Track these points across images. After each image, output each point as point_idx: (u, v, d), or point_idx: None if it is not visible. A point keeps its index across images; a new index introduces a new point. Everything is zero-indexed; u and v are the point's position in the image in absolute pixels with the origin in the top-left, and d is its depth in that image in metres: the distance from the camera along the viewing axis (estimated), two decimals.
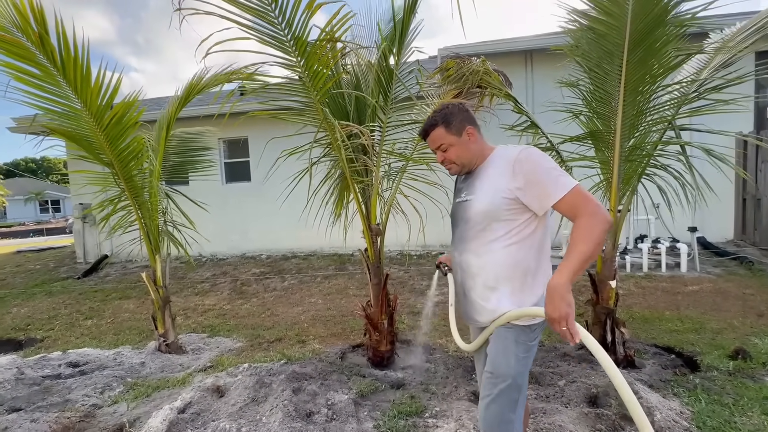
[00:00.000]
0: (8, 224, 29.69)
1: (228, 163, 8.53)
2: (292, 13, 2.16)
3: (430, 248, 7.56)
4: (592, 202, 1.23)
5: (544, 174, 1.29)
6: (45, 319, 5.13)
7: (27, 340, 4.48)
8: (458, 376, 2.76)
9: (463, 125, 1.48)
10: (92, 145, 3.24)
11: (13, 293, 6.62)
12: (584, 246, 1.19)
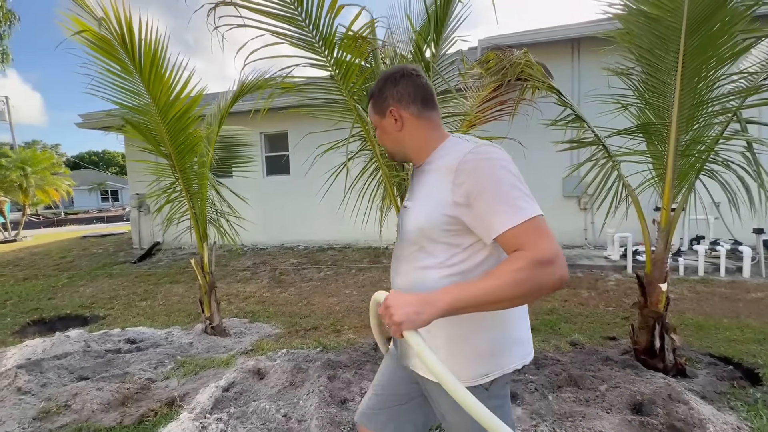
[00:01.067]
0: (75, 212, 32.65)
1: (269, 156, 8.85)
2: (317, 15, 2.23)
3: None
4: (549, 245, 0.85)
5: (496, 193, 0.91)
6: (106, 298, 5.62)
7: (92, 316, 4.94)
8: None
9: (386, 102, 1.08)
10: (155, 138, 3.48)
11: (80, 274, 7.30)
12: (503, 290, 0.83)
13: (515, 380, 2.63)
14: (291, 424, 2.07)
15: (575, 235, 7.10)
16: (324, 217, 8.14)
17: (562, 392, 2.39)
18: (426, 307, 0.84)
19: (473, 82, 3.31)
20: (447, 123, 3.12)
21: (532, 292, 0.84)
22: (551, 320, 3.92)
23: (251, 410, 2.22)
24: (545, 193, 7.11)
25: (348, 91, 2.56)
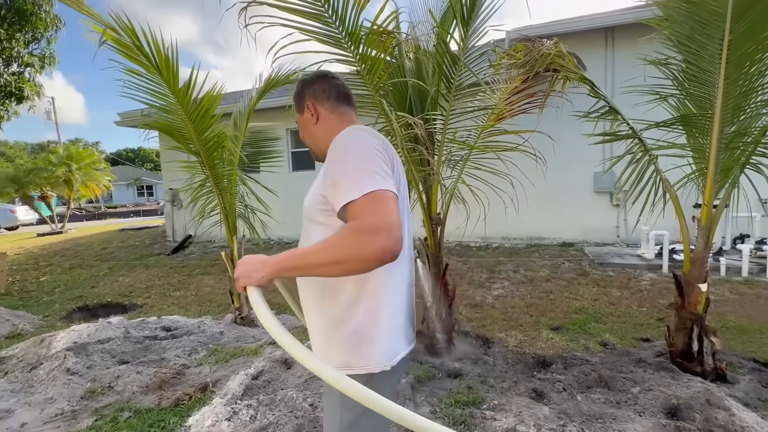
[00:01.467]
0: (114, 206, 34.48)
1: (294, 152, 9.00)
2: (343, 11, 2.24)
3: (491, 240, 7.35)
4: (377, 216, 0.83)
5: (343, 169, 0.93)
6: (143, 288, 5.93)
7: (130, 304, 5.23)
8: (518, 372, 2.69)
9: (304, 99, 1.15)
10: (184, 136, 3.63)
11: (119, 264, 7.73)
12: (324, 254, 0.86)
13: (542, 379, 2.59)
14: (317, 413, 2.12)
15: (606, 232, 6.84)
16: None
17: (592, 393, 2.33)
18: (262, 266, 0.92)
19: (501, 75, 3.24)
20: (475, 117, 3.07)
21: (351, 259, 0.83)
22: (580, 319, 3.82)
23: (279, 398, 2.29)
24: (575, 188, 6.88)
25: (374, 86, 2.56)
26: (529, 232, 7.22)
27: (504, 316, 4.02)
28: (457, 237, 7.44)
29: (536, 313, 4.07)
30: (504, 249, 6.91)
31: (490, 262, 6.11)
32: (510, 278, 5.33)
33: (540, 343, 3.30)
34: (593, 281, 4.99)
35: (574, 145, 6.47)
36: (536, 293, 4.72)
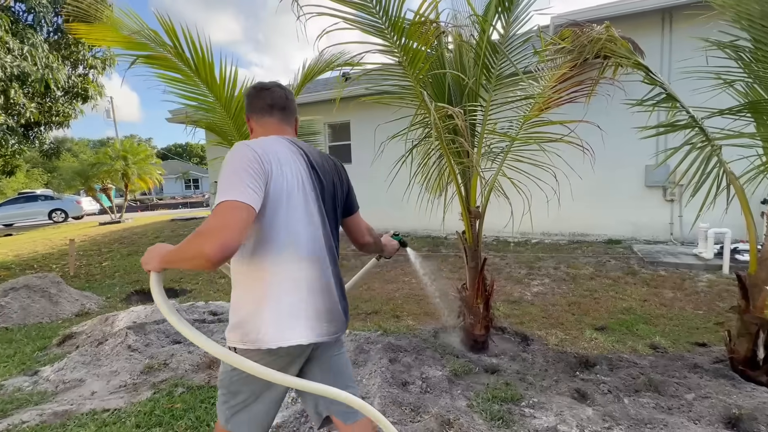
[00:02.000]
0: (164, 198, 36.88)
1: (332, 146, 9.16)
2: (386, 1, 2.22)
3: (530, 236, 7.12)
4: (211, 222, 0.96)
5: (220, 178, 1.06)
6: (192, 275, 6.31)
7: (180, 290, 5.59)
8: (559, 371, 2.61)
9: (245, 112, 1.33)
10: (225, 132, 3.80)
11: None
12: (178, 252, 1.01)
13: (585, 379, 2.49)
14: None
15: (658, 229, 6.40)
16: (383, 205, 8.26)
17: (640, 397, 2.21)
18: (155, 256, 1.06)
19: (546, 63, 3.10)
20: (517, 107, 2.97)
21: (190, 258, 0.98)
22: (627, 320, 3.62)
23: None
24: (624, 182, 6.49)
25: (414, 77, 2.55)
26: (571, 228, 6.92)
27: (544, 314, 3.90)
28: (495, 231, 7.28)
29: (579, 312, 3.91)
30: (544, 245, 6.67)
31: (529, 258, 5.93)
32: (550, 275, 5.15)
33: (583, 343, 3.17)
34: (642, 281, 4.71)
35: (624, 136, 6.10)
36: (579, 291, 4.53)
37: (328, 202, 1.26)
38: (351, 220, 1.47)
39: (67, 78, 6.58)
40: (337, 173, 1.35)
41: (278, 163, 1.14)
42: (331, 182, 1.29)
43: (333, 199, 1.30)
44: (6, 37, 5.26)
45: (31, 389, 2.62)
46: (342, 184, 1.36)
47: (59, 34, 6.80)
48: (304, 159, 1.22)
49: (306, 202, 1.18)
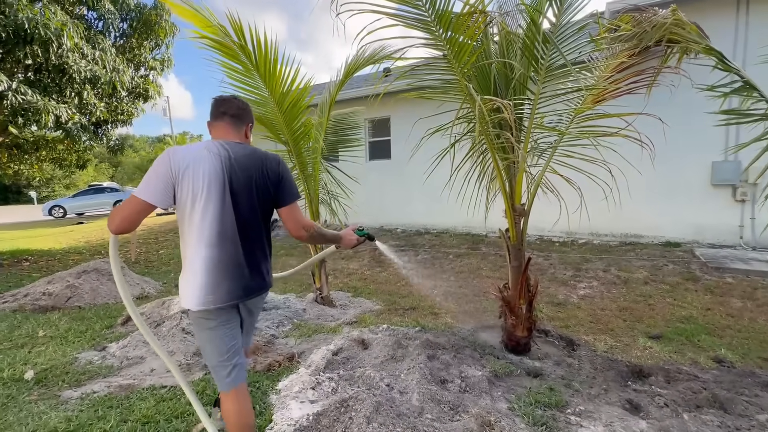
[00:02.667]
0: None
1: (372, 141, 9.22)
2: None
3: (577, 235, 6.76)
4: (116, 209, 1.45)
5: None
6: None
7: None
8: (609, 379, 2.46)
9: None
10: (275, 126, 3.94)
11: None
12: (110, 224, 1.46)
13: (638, 390, 2.33)
14: (393, 394, 2.19)
15: (725, 232, 5.83)
16: (422, 202, 8.21)
17: (702, 413, 2.04)
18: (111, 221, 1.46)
19: (602, 51, 2.91)
20: (568, 99, 2.82)
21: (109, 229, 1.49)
22: (687, 329, 3.34)
23: (357, 375, 2.41)
24: (686, 180, 5.97)
25: (460, 70, 2.49)
26: (623, 228, 6.48)
27: (591, 318, 3.70)
28: (538, 230, 6.99)
29: (631, 318, 3.67)
30: (592, 245, 6.31)
31: (576, 259, 5.64)
32: (599, 278, 4.87)
33: (635, 351, 2.97)
34: (705, 288, 4.32)
35: (687, 130, 5.61)
36: (631, 296, 4.24)
37: (243, 193, 1.53)
38: (283, 212, 1.68)
39: (131, 79, 7.13)
40: (261, 168, 1.58)
41: (188, 166, 1.45)
42: (250, 176, 1.55)
43: (250, 189, 1.55)
44: (81, 43, 5.79)
45: (100, 363, 2.89)
46: (266, 178, 1.59)
47: (124, 39, 7.37)
48: (222, 157, 1.51)
49: (215, 194, 1.48)
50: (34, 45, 5.21)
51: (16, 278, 5.96)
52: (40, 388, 2.52)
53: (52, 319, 3.89)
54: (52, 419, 2.13)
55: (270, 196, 1.62)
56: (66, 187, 35.21)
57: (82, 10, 6.75)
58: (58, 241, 10.32)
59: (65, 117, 5.95)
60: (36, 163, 9.08)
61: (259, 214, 1.61)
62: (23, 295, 4.57)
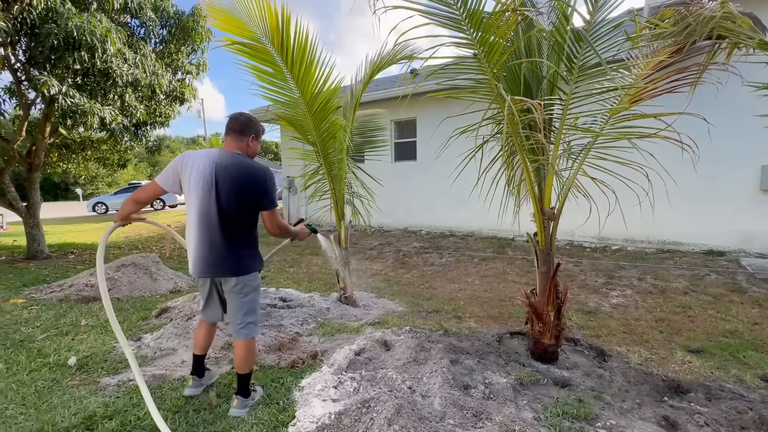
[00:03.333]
0: None
1: (397, 143, 9.22)
2: None
3: (609, 241, 6.48)
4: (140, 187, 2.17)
5: None
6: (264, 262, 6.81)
7: None
8: (643, 393, 2.34)
9: None
10: (303, 127, 4.01)
11: None
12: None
13: (675, 407, 2.20)
14: (415, 397, 2.17)
15: None
16: (447, 204, 8.13)
17: None
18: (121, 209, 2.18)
19: (641, 49, 2.78)
20: (603, 99, 2.71)
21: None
22: (732, 345, 3.13)
23: (379, 376, 2.41)
24: (732, 184, 5.60)
25: (490, 70, 2.45)
26: (660, 235, 6.16)
27: (624, 328, 3.53)
28: (568, 235, 6.76)
29: (668, 330, 3.47)
30: (626, 252, 6.03)
31: (608, 266, 5.40)
32: (633, 286, 4.64)
33: (672, 365, 2.81)
34: (753, 300, 4.03)
35: (734, 131, 5.27)
36: (669, 307, 4.02)
37: (226, 193, 1.98)
38: (264, 215, 2.14)
39: (169, 83, 7.46)
40: (246, 177, 2.02)
41: (191, 165, 2.00)
42: (234, 181, 1.99)
43: (231, 191, 1.98)
44: (123, 49, 6.13)
45: (135, 352, 3.03)
46: (251, 185, 2.03)
47: (163, 45, 7.73)
48: (216, 164, 1.99)
49: (202, 188, 1.98)
50: (82, 51, 5.55)
51: (63, 269, 6.37)
52: (81, 374, 2.68)
53: (93, 310, 4.13)
54: (91, 404, 2.25)
55: (252, 200, 2.05)
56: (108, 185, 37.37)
57: (126, 18, 7.14)
58: (100, 235, 10.95)
59: (109, 118, 6.30)
60: (82, 162, 9.67)
61: (239, 212, 2.02)
62: (68, 285, 4.88)
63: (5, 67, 6.36)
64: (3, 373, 2.68)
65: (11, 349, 3.09)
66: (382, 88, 8.68)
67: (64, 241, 9.73)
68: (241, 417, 2.10)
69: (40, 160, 7.44)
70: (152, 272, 5.23)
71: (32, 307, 4.25)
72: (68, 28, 5.32)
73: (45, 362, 2.83)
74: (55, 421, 2.10)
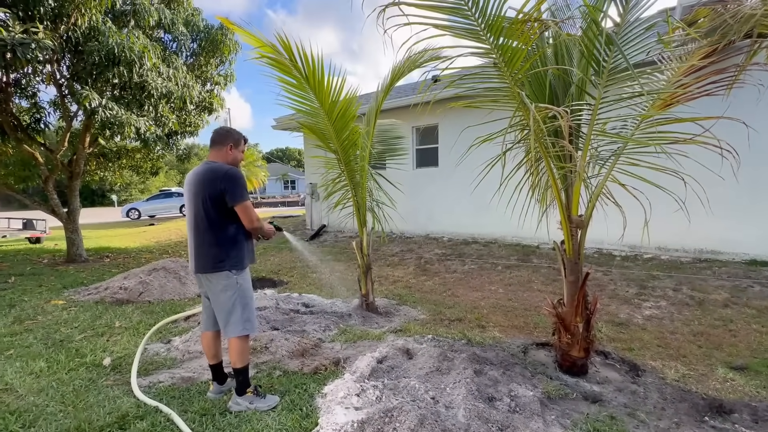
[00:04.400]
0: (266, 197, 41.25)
1: (419, 149, 9.21)
2: (485, 2, 2.14)
3: (641, 250, 6.21)
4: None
5: None
6: (288, 267, 6.92)
7: (278, 281, 6.17)
8: (681, 412, 2.21)
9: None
10: (325, 135, 4.07)
11: (270, 246, 9.19)
12: None
13: (717, 428, 2.07)
14: (439, 408, 2.13)
15: None
16: (469, 210, 8.03)
17: None
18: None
19: (673, 51, 2.68)
20: (634, 104, 2.62)
21: None
22: None
23: (402, 385, 2.39)
24: None
25: (512, 78, 2.42)
26: (697, 243, 5.85)
27: (659, 342, 3.36)
28: (596, 243, 6.53)
29: (707, 345, 3.28)
30: (660, 261, 5.76)
31: (640, 276, 5.18)
32: (668, 297, 4.42)
33: (713, 383, 2.65)
34: None
35: None
36: (708, 320, 3.80)
37: (197, 195, 2.22)
38: (237, 210, 2.23)
39: (198, 94, 7.77)
40: (208, 178, 2.21)
41: (186, 181, 2.34)
42: (198, 182, 2.23)
43: (199, 192, 2.21)
44: (158, 63, 6.44)
45: (166, 355, 3.14)
46: (214, 186, 2.19)
47: (194, 58, 8.07)
48: (196, 173, 2.27)
49: (187, 197, 2.31)
50: (121, 66, 5.88)
51: (99, 272, 6.69)
52: (115, 375, 2.79)
53: (127, 312, 4.31)
54: (124, 404, 2.34)
55: (217, 196, 2.19)
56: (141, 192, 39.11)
57: (159, 33, 7.51)
58: (133, 240, 11.45)
59: (144, 129, 6.62)
60: (118, 170, 10.18)
61: (210, 211, 2.20)
62: (104, 288, 5.12)
63: (51, 82, 6.81)
64: (45, 371, 2.83)
65: (52, 349, 3.26)
66: (404, 95, 8.72)
67: (100, 245, 10.23)
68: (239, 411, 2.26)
69: (80, 169, 7.89)
70: (181, 276, 5.41)
71: (71, 308, 4.48)
72: (109, 45, 5.65)
73: (82, 362, 2.97)
74: (91, 419, 2.19)
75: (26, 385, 2.61)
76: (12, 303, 4.69)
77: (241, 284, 2.28)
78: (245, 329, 2.28)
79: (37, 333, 3.65)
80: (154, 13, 6.48)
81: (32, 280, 6.01)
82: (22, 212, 16.90)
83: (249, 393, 2.29)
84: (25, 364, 2.93)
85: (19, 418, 2.22)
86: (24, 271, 6.79)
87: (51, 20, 5.65)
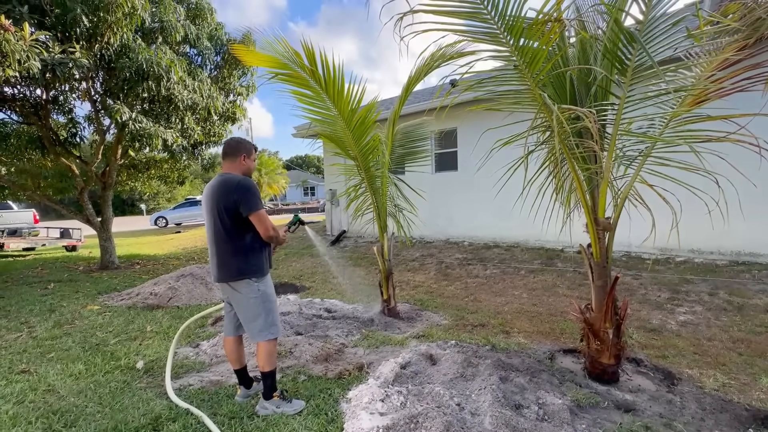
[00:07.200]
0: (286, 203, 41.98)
1: (438, 153, 9.18)
2: (504, 5, 2.14)
3: (673, 252, 5.97)
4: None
5: None
6: (310, 273, 7.01)
7: (300, 286, 6.25)
8: (722, 424, 2.11)
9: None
10: (344, 143, 4.13)
11: (292, 252, 9.34)
12: None
13: None
14: (464, 415, 2.11)
15: None
16: (490, 214, 7.93)
17: None
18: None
19: (703, 46, 2.59)
20: (660, 103, 2.55)
21: None
22: None
23: (426, 391, 2.38)
24: None
25: (532, 79, 2.39)
26: (734, 246, 5.57)
27: (695, 349, 3.21)
28: (624, 246, 6.31)
29: (749, 352, 3.11)
30: (694, 264, 5.52)
31: (673, 280, 4.97)
32: (704, 302, 4.23)
33: (756, 393, 2.51)
34: None
35: None
36: (748, 326, 3.61)
37: (214, 208, 2.26)
38: (251, 220, 2.26)
39: (222, 105, 8.03)
40: (222, 190, 2.26)
41: (204, 194, 2.37)
42: (213, 193, 2.27)
43: (213, 208, 2.27)
44: (184, 76, 6.70)
45: (195, 358, 3.23)
46: (227, 197, 2.22)
47: (217, 70, 8.36)
48: (212, 186, 2.32)
49: (204, 210, 2.36)
50: (150, 81, 6.15)
51: (130, 279, 6.96)
52: (147, 377, 2.89)
53: (157, 317, 4.46)
54: (157, 406, 2.42)
55: (231, 207, 2.22)
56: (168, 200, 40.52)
57: (185, 48, 7.81)
58: (161, 247, 11.87)
59: (171, 140, 6.88)
60: (146, 180, 10.60)
61: (226, 221, 2.24)
62: (135, 294, 5.32)
63: (86, 98, 7.18)
64: (83, 373, 2.97)
65: (89, 352, 3.41)
66: (423, 100, 8.73)
67: (130, 252, 10.65)
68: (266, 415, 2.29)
69: (113, 179, 8.26)
70: (207, 282, 5.56)
71: (105, 313, 4.68)
72: (139, 61, 5.92)
73: (117, 365, 3.10)
74: (127, 420, 2.28)
75: (67, 387, 2.75)
76: (52, 308, 4.94)
77: (263, 290, 2.33)
78: (271, 333, 2.32)
79: (75, 337, 3.83)
80: (180, 29, 6.75)
81: (69, 286, 6.32)
82: (59, 221, 17.81)
83: (276, 397, 2.33)
84: (65, 367, 3.08)
85: (61, 418, 2.34)
86: (62, 277, 7.15)
87: (86, 39, 5.97)
